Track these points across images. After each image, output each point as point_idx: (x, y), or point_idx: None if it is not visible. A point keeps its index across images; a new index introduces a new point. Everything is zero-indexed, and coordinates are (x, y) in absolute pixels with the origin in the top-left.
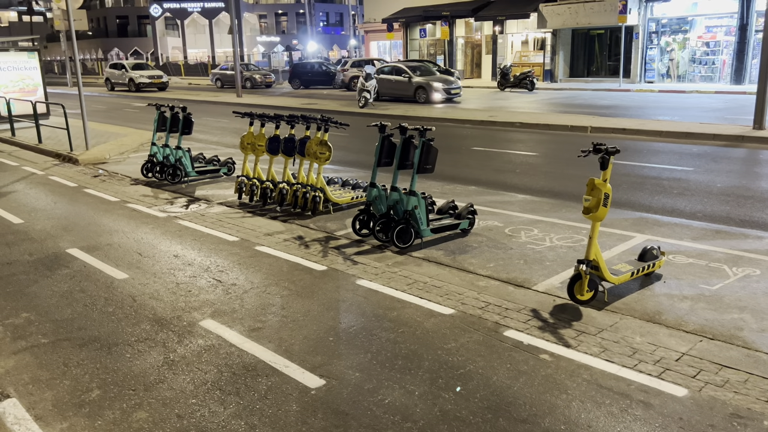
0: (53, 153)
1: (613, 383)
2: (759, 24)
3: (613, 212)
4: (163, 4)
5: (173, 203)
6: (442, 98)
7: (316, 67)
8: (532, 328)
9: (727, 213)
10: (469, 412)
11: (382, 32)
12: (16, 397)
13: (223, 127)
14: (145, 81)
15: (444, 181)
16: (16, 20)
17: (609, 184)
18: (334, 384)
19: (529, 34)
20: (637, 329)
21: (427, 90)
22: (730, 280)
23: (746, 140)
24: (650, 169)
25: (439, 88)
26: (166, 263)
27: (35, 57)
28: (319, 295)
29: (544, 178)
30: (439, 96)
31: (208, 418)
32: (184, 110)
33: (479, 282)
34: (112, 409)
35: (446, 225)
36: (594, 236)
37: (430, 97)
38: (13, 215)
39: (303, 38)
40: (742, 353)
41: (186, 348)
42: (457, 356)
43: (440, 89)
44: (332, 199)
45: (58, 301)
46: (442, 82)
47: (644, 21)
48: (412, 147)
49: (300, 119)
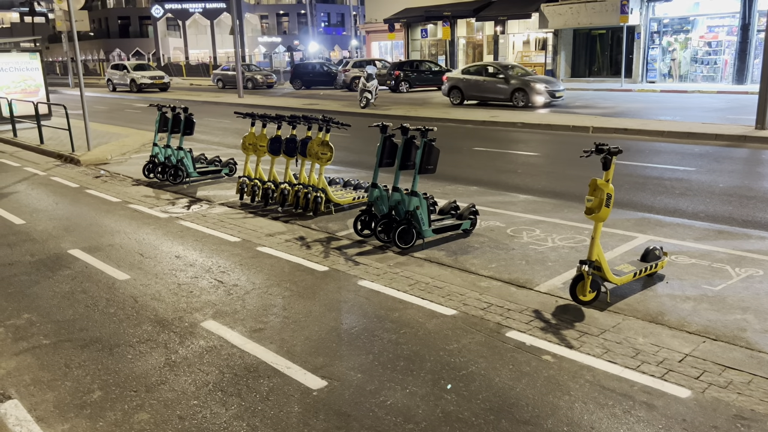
0: (55, 154)
1: (615, 384)
2: (761, 24)
3: (616, 212)
4: (164, 5)
5: (175, 204)
6: (545, 101)
7: (318, 67)
8: (535, 329)
9: (729, 213)
10: (472, 413)
11: (383, 32)
12: (17, 398)
13: (224, 128)
14: (146, 82)
15: (446, 182)
16: (18, 21)
17: (611, 185)
18: (335, 385)
19: (530, 34)
20: (640, 330)
21: (528, 92)
22: (733, 280)
23: (748, 140)
24: (652, 169)
25: (542, 89)
26: (167, 264)
27: (37, 58)
28: (320, 295)
29: (546, 178)
30: (542, 99)
31: (210, 419)
32: (186, 111)
33: (481, 283)
34: (113, 411)
35: (448, 225)
36: (596, 237)
37: (531, 99)
38: (15, 216)
39: (304, 39)
40: (746, 354)
41: (187, 349)
42: (459, 357)
43: (543, 91)
44: (334, 199)
45: (60, 302)
46: (544, 82)
47: (646, 21)
48: (413, 147)
49: (301, 120)
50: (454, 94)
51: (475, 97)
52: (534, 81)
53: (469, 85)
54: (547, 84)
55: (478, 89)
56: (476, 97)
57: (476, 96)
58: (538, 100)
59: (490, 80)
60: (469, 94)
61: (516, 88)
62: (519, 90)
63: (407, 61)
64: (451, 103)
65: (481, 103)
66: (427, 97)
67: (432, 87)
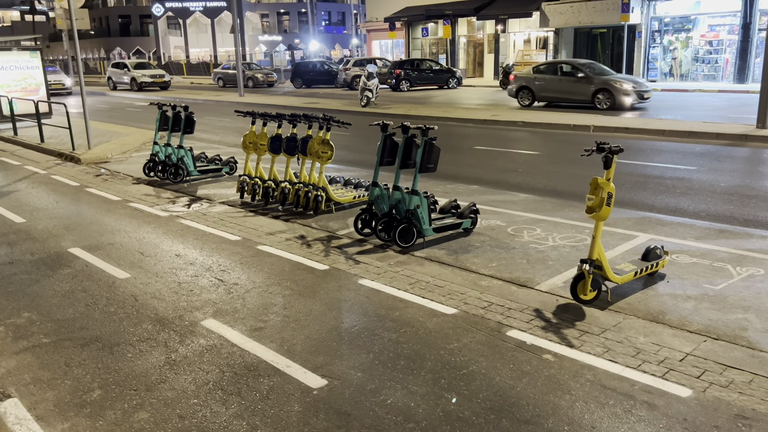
0: (55, 152)
1: (616, 384)
2: (762, 23)
3: (617, 211)
4: (165, 4)
5: (175, 202)
6: (632, 102)
7: (318, 66)
8: (535, 328)
9: (730, 212)
10: (472, 412)
11: (384, 31)
12: (17, 397)
13: (225, 127)
14: (147, 80)
15: (446, 181)
16: (18, 19)
17: (612, 184)
18: (336, 384)
19: (531, 33)
20: (641, 329)
21: (613, 93)
22: (734, 279)
23: (750, 139)
24: (653, 168)
25: (630, 89)
26: (168, 263)
27: (37, 56)
28: (321, 294)
29: (547, 177)
30: (630, 100)
31: (210, 418)
32: (186, 109)
33: (482, 281)
34: (113, 410)
35: (448, 224)
36: (597, 236)
37: (617, 101)
38: (15, 214)
39: (305, 37)
40: (747, 353)
41: (188, 348)
42: (459, 356)
43: (631, 91)
44: (334, 198)
45: (60, 300)
46: (631, 81)
47: (647, 20)
48: (414, 146)
49: (302, 118)
50: (524, 95)
51: (548, 99)
52: (620, 80)
53: (542, 85)
54: (635, 84)
55: (553, 89)
56: (549, 98)
57: (549, 97)
58: (625, 102)
59: (568, 79)
60: (541, 95)
61: (599, 88)
62: (603, 90)
63: (408, 60)
64: (519, 105)
65: (552, 104)
66: (427, 96)
67: (433, 86)
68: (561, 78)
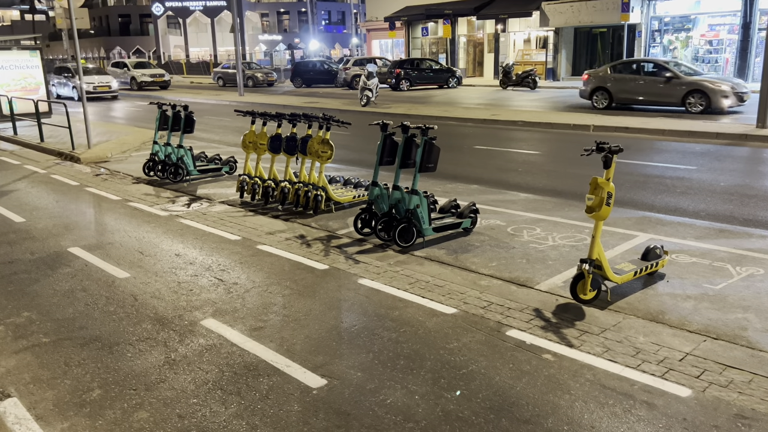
0: (55, 152)
1: (616, 383)
2: (762, 22)
3: (616, 211)
4: (165, 3)
5: (175, 202)
6: (730, 105)
7: (318, 65)
8: (535, 327)
9: (730, 212)
10: (472, 412)
11: (384, 31)
12: (16, 397)
13: (224, 126)
14: (147, 80)
15: (446, 180)
16: (18, 19)
17: (612, 183)
18: (335, 384)
19: (531, 33)
20: (641, 329)
21: (709, 94)
22: (733, 279)
23: (749, 139)
24: (653, 167)
25: (729, 91)
26: (167, 262)
27: (37, 55)
28: (320, 294)
29: (547, 176)
30: (729, 102)
31: (210, 418)
32: (186, 109)
33: (481, 281)
34: (113, 409)
35: (448, 224)
36: (597, 235)
37: (714, 103)
38: (15, 214)
39: (305, 37)
40: (746, 353)
41: (187, 347)
42: (459, 356)
43: (730, 92)
44: (334, 197)
45: (60, 300)
46: (728, 82)
47: (647, 19)
48: (414, 146)
49: (302, 118)
50: (599, 97)
51: (627, 101)
52: (716, 80)
53: (622, 86)
54: (733, 84)
55: (635, 91)
56: (629, 100)
57: (630, 99)
58: (723, 104)
59: (653, 79)
60: (620, 97)
61: (692, 89)
62: (695, 92)
63: (408, 60)
64: (592, 107)
65: (628, 106)
66: (427, 96)
67: (433, 85)
68: (644, 78)
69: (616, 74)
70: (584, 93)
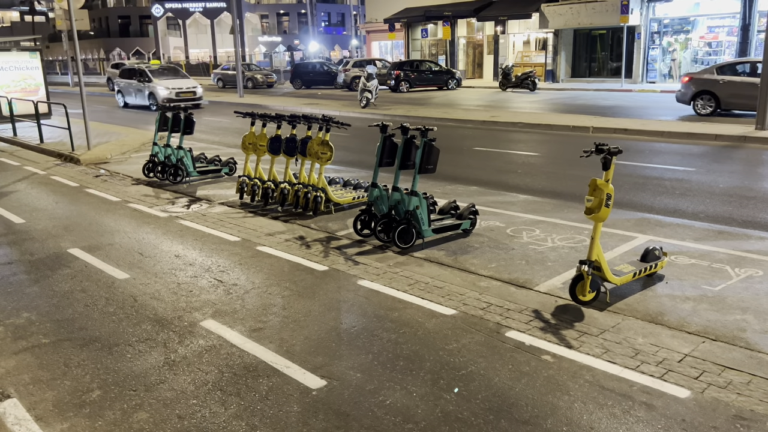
0: (55, 153)
1: (615, 384)
2: (761, 24)
3: (615, 213)
4: (164, 4)
5: (174, 203)
6: None
7: (318, 67)
8: (534, 329)
9: (729, 213)
10: (471, 413)
11: (383, 32)
12: (16, 398)
13: (224, 127)
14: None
15: (445, 182)
16: (18, 20)
17: (611, 185)
18: (335, 385)
19: (530, 34)
20: (640, 330)
21: None
22: (732, 280)
23: (748, 140)
24: (652, 169)
25: None
26: (167, 263)
27: (37, 57)
28: (320, 295)
29: (546, 178)
30: None
31: (209, 418)
32: (186, 110)
33: (481, 282)
34: (112, 410)
35: (448, 225)
36: (596, 237)
37: None
38: (15, 215)
39: (304, 38)
40: (745, 354)
41: (187, 348)
42: (458, 357)
43: None
44: (333, 199)
45: (59, 301)
46: None
47: (646, 21)
48: (413, 147)
49: (301, 119)
50: (704, 102)
51: (739, 106)
52: None
53: (732, 90)
54: None
55: (749, 96)
56: (741, 105)
57: (741, 104)
58: None
59: None
60: (730, 102)
61: None
62: None
63: (407, 61)
64: (695, 113)
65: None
66: (427, 97)
67: (432, 87)
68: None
69: (725, 76)
70: (683, 96)
